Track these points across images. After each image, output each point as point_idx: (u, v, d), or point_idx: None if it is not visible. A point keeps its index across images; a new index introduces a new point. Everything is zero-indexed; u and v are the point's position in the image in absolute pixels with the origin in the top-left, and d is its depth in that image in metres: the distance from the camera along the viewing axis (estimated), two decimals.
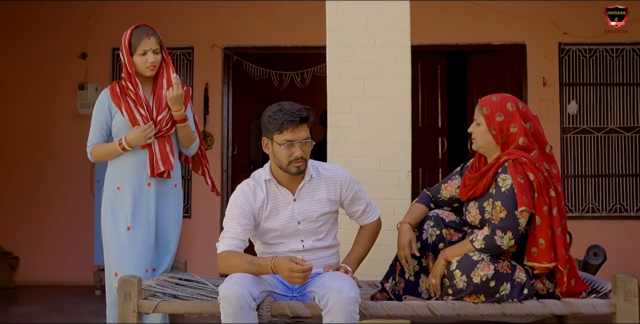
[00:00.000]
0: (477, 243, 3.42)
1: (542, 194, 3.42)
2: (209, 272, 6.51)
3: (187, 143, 4.20)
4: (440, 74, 8.23)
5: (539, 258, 3.42)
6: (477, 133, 3.63)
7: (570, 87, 7.70)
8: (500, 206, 3.40)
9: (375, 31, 4.68)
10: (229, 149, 7.94)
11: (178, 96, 4.06)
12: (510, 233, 3.37)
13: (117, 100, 4.09)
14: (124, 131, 4.07)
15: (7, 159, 7.89)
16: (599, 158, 7.68)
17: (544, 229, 3.41)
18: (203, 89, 7.81)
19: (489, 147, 3.60)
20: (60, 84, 7.86)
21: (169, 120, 4.11)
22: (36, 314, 6.18)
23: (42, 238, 7.79)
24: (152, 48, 4.07)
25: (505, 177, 3.43)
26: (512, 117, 3.54)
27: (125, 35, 4.10)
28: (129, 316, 3.48)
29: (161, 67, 4.16)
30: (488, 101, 3.60)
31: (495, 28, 7.71)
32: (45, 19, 7.90)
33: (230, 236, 3.48)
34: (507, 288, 3.39)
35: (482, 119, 3.60)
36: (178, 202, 4.23)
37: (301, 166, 3.50)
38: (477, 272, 3.37)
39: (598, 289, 3.65)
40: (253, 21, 7.84)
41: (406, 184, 4.61)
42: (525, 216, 3.39)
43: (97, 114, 4.14)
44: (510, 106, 3.56)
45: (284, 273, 3.25)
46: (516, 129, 3.52)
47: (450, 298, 3.46)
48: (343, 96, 4.66)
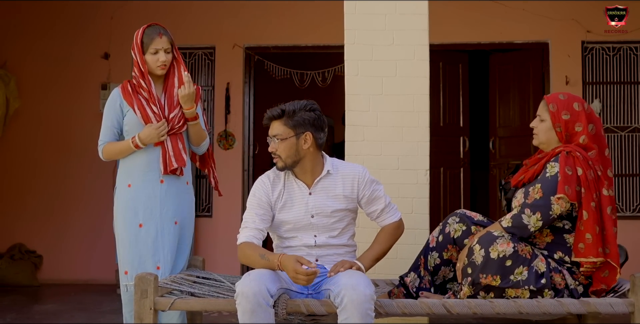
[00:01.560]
0: (504, 222, 3.46)
1: (590, 190, 3.43)
2: (230, 271, 6.53)
3: (198, 141, 4.22)
4: (461, 73, 8.19)
5: (586, 252, 3.43)
6: (540, 129, 3.66)
7: (593, 85, 7.64)
8: (538, 188, 3.44)
9: (394, 29, 4.68)
10: (250, 148, 7.96)
11: (190, 94, 4.07)
12: (539, 214, 3.39)
13: (129, 98, 4.11)
14: (136, 129, 4.09)
15: (31, 158, 7.97)
16: (622, 157, 7.61)
17: (591, 224, 3.42)
18: (224, 88, 7.84)
19: (551, 144, 3.64)
20: (83, 84, 7.92)
21: (180, 118, 4.12)
22: (59, 312, 6.23)
23: (65, 237, 7.86)
24: (163, 47, 4.09)
25: (554, 164, 3.47)
26: (578, 117, 3.57)
27: (137, 34, 4.12)
28: (146, 314, 3.49)
29: (172, 65, 4.17)
30: (555, 99, 3.63)
31: (517, 26, 7.66)
32: (69, 20, 7.97)
33: (249, 226, 3.56)
34: (524, 274, 3.39)
35: (547, 115, 3.63)
36: (190, 199, 4.24)
37: (277, 161, 3.61)
38: (496, 247, 3.37)
39: (617, 289, 3.61)
40: (274, 21, 7.86)
41: (424, 183, 4.59)
42: (561, 204, 3.39)
43: (109, 113, 4.16)
44: (577, 105, 3.59)
45: (289, 272, 3.29)
46: (581, 129, 3.56)
47: (469, 279, 3.43)
48: (361, 95, 4.66)
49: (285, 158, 3.59)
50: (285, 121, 3.57)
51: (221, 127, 7.85)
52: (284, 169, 3.64)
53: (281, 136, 3.57)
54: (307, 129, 3.57)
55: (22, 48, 7.97)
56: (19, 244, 7.81)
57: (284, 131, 3.57)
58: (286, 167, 3.62)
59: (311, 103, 3.62)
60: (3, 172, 7.83)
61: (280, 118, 3.58)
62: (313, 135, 3.58)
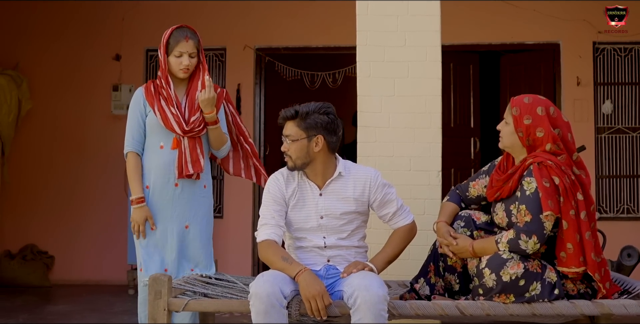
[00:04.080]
0: (501, 245, 3.40)
1: (568, 198, 3.36)
2: (241, 271, 6.55)
3: (218, 145, 4.22)
4: (472, 74, 8.18)
5: (568, 262, 3.37)
6: (504, 132, 3.60)
7: (604, 86, 7.62)
8: (525, 210, 3.37)
9: (406, 31, 4.67)
10: (261, 149, 7.97)
11: (210, 99, 4.07)
12: (535, 237, 3.33)
13: (150, 98, 4.12)
14: (156, 129, 4.10)
15: (43, 159, 8.00)
16: (634, 158, 7.58)
17: (571, 234, 3.36)
18: (235, 89, 7.85)
19: (515, 148, 3.57)
20: (95, 85, 7.95)
21: (201, 121, 4.12)
22: (71, 313, 6.26)
23: (77, 238, 7.88)
24: (188, 51, 4.09)
25: (530, 180, 3.39)
26: (540, 122, 3.48)
27: (165, 35, 4.12)
28: (159, 314, 3.50)
29: (197, 69, 4.17)
30: (519, 102, 3.55)
31: (528, 27, 7.64)
32: (81, 21, 8.00)
33: (269, 222, 3.56)
34: (538, 288, 3.35)
35: (510, 119, 3.57)
36: (208, 204, 4.24)
37: (287, 161, 3.63)
38: (507, 270, 3.33)
39: (630, 290, 3.61)
40: (285, 22, 7.87)
41: (436, 184, 4.59)
42: (550, 220, 3.34)
43: (133, 112, 4.16)
44: (540, 110, 3.50)
45: (304, 294, 3.28)
46: (542, 134, 3.46)
47: (481, 298, 3.44)
48: (373, 96, 4.66)
49: (295, 159, 3.60)
50: (298, 123, 3.57)
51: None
52: (293, 170, 3.65)
53: (293, 137, 3.58)
54: (320, 132, 3.56)
55: (34, 50, 8.00)
56: (30, 245, 7.84)
57: (296, 133, 3.57)
58: (296, 167, 3.62)
59: (327, 106, 3.61)
60: (15, 173, 7.85)
61: (294, 119, 3.58)
62: (325, 138, 3.57)
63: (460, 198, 3.81)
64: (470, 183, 3.80)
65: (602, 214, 7.43)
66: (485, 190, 3.71)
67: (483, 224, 3.68)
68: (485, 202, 3.77)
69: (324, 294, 3.28)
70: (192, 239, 4.14)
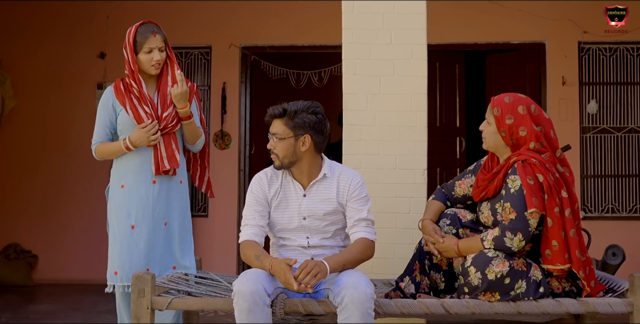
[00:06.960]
0: (486, 243, 3.40)
1: (553, 195, 3.37)
2: (226, 270, 6.52)
3: (193, 139, 4.19)
4: (458, 73, 8.18)
5: (553, 260, 3.38)
6: (487, 132, 3.59)
7: (590, 86, 7.64)
8: (509, 208, 3.37)
9: (392, 29, 4.66)
10: (246, 148, 7.95)
11: (182, 93, 4.03)
12: (520, 235, 3.33)
13: (121, 98, 4.08)
14: (129, 128, 4.06)
15: (26, 157, 7.95)
16: (618, 158, 7.61)
17: (556, 231, 3.36)
18: (221, 88, 7.83)
19: (499, 148, 3.57)
20: (80, 83, 7.91)
21: (174, 117, 4.09)
22: (54, 312, 6.23)
23: (61, 237, 7.83)
24: (157, 46, 4.06)
25: (514, 178, 3.40)
26: (522, 121, 3.48)
27: (130, 33, 4.08)
28: (143, 313, 3.48)
29: (165, 64, 4.14)
30: (500, 102, 3.54)
31: (514, 27, 7.66)
32: (65, 19, 7.96)
33: (249, 223, 3.57)
34: (523, 286, 3.35)
35: (492, 119, 3.56)
36: (182, 198, 4.20)
37: (274, 159, 3.60)
38: (492, 268, 3.33)
39: (615, 288, 3.61)
40: (271, 21, 7.85)
41: (422, 182, 4.58)
42: (535, 217, 3.34)
43: (102, 112, 4.14)
44: (521, 108, 3.50)
45: (280, 278, 3.30)
46: (525, 133, 3.46)
47: (466, 296, 3.43)
48: (359, 94, 4.64)
49: (282, 158, 3.58)
50: (285, 121, 3.55)
51: (217, 127, 7.83)
52: (280, 168, 3.63)
53: (280, 136, 3.56)
54: (307, 131, 3.54)
55: (18, 47, 7.95)
56: (14, 244, 7.79)
57: (284, 131, 3.55)
58: (282, 166, 3.60)
59: (315, 105, 3.58)
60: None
61: (282, 117, 3.56)
62: (312, 138, 3.55)
63: (446, 197, 3.81)
64: (456, 182, 3.80)
65: (587, 213, 7.46)
66: (471, 189, 3.71)
67: (469, 222, 3.68)
68: (470, 201, 3.77)
69: (289, 263, 3.29)
70: (172, 235, 4.11)
